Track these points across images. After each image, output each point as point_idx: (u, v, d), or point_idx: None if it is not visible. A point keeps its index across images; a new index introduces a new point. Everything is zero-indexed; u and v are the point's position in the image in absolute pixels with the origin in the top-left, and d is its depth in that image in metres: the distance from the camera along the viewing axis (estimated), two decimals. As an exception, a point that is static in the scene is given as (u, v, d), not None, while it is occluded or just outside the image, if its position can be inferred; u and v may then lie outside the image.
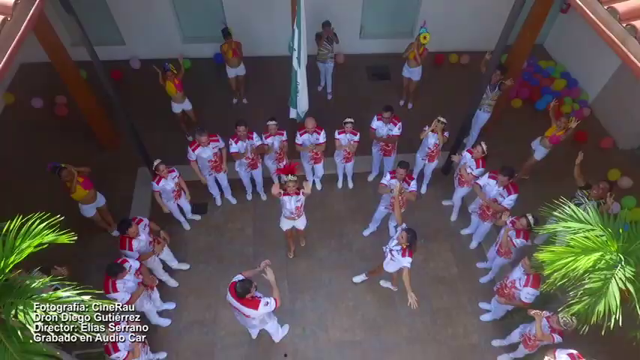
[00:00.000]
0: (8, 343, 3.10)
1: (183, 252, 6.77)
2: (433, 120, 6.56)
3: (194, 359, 5.80)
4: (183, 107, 7.74)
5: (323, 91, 9.28)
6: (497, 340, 5.88)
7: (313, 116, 6.60)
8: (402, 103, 9.09)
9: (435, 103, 8.89)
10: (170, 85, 7.30)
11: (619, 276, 3.80)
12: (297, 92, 6.41)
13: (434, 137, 6.61)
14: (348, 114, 6.71)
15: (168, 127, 8.19)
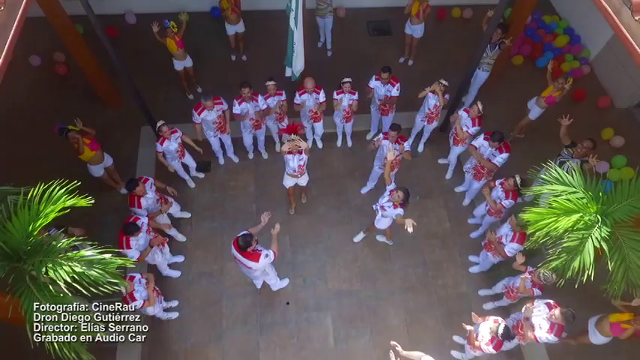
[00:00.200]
0: (41, 296, 3.49)
1: (189, 209, 7.13)
2: (434, 80, 6.70)
3: (203, 307, 6.32)
4: (184, 64, 7.80)
5: (323, 47, 9.27)
6: (484, 290, 6.38)
7: (313, 73, 6.72)
8: (401, 60, 9.13)
9: (436, 60, 8.97)
10: (171, 43, 7.33)
11: (595, 235, 4.16)
12: (294, 52, 6.50)
13: (434, 99, 6.77)
14: (348, 71, 6.85)
15: (168, 84, 8.33)
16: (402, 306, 6.39)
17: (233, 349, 6.06)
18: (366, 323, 6.23)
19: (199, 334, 6.15)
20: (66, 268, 3.43)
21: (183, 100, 8.28)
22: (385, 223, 5.99)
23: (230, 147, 7.41)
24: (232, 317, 6.26)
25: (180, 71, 7.89)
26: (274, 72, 6.97)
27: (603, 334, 5.10)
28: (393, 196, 5.47)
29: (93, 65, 7.42)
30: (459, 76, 7.20)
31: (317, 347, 6.06)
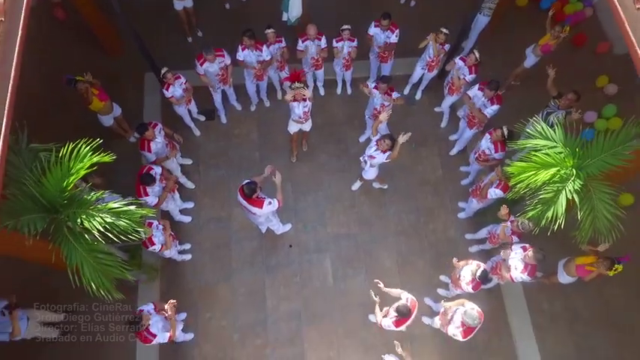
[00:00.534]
0: (77, 244, 4.10)
1: (195, 156, 7.65)
2: (435, 23, 6.93)
3: (213, 250, 7.03)
4: (184, 4, 7.86)
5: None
6: (470, 235, 7.05)
7: (313, 17, 6.89)
8: (402, 1, 9.16)
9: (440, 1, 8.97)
10: None
11: (569, 188, 4.70)
12: (289, 4, 6.66)
13: (438, 48, 6.99)
14: (349, 14, 6.98)
15: (167, 27, 8.49)
16: (394, 249, 7.09)
17: (241, 288, 6.84)
18: (362, 264, 6.96)
19: (211, 273, 6.91)
20: (98, 219, 4.00)
21: (184, 44, 8.51)
22: (373, 173, 6.52)
23: (232, 95, 7.74)
24: (240, 259, 6.99)
25: (180, 11, 7.98)
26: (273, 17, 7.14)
27: (570, 274, 5.79)
28: (381, 145, 5.94)
29: (91, 9, 7.47)
30: (461, 18, 7.33)
31: (317, 285, 6.83)
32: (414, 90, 8.26)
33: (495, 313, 6.70)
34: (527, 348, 6.59)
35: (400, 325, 5.04)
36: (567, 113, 6.06)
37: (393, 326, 5.07)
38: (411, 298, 5.12)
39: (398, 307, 5.01)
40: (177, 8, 7.93)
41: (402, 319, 5.00)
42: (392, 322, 5.06)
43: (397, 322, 5.05)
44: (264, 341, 6.57)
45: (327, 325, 6.64)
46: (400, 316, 4.98)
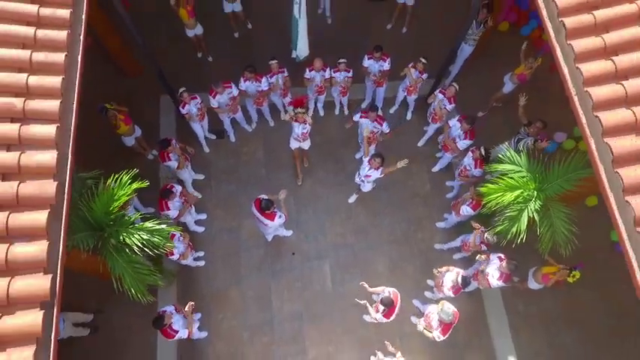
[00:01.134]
0: (119, 256, 5.03)
1: (207, 172, 8.58)
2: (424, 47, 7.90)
3: (224, 257, 7.96)
4: (195, 32, 8.84)
5: (323, 14, 10.17)
6: (438, 245, 8.05)
7: (314, 39, 7.84)
8: (389, 27, 10.08)
9: (428, 28, 9.89)
10: (183, 12, 8.30)
11: (531, 207, 5.63)
12: (298, 37, 7.61)
13: (415, 74, 7.92)
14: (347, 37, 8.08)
15: (181, 52, 9.40)
16: (387, 256, 8.03)
17: (250, 291, 7.78)
18: (358, 270, 7.89)
19: (222, 278, 7.84)
20: (136, 236, 4.94)
21: (198, 68, 9.44)
22: (369, 186, 7.45)
23: (242, 120, 8.68)
24: (249, 265, 7.93)
25: (192, 37, 8.96)
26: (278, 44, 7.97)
27: (537, 281, 6.71)
28: (373, 163, 6.88)
29: (113, 37, 8.37)
30: (449, 43, 8.19)
31: (317, 289, 7.77)
32: (405, 110, 9.18)
33: (475, 314, 7.66)
34: (504, 346, 7.54)
35: (390, 315, 6.02)
36: (536, 140, 6.96)
37: (384, 319, 6.02)
38: (392, 290, 6.10)
39: (382, 300, 5.97)
40: (189, 35, 8.89)
41: (389, 310, 5.96)
42: (382, 315, 6.01)
43: (386, 314, 6.00)
44: (270, 339, 7.51)
45: (326, 324, 7.57)
46: (387, 307, 5.92)
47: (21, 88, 4.27)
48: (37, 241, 3.84)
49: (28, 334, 3.56)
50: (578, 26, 4.62)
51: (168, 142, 6.95)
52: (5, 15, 4.50)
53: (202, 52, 9.49)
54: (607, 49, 4.47)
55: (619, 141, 4.14)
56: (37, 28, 4.54)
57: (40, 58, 4.42)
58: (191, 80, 8.90)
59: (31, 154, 4.06)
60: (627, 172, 4.03)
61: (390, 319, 6.09)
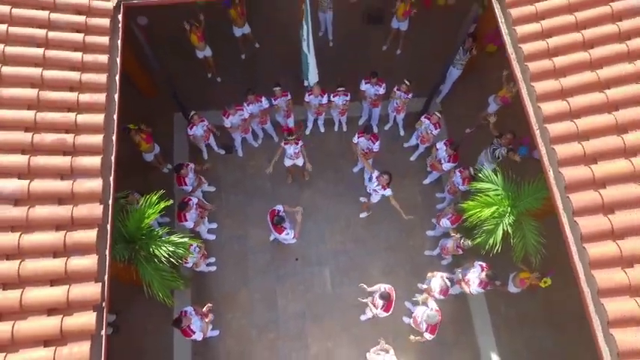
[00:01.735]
0: (148, 265, 5.89)
1: (217, 184, 9.42)
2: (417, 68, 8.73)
3: (234, 262, 8.82)
4: (204, 54, 9.70)
5: (324, 36, 10.99)
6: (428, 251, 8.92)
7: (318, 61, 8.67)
8: (384, 48, 10.93)
9: (420, 50, 10.72)
10: (194, 37, 9.18)
11: (505, 222, 6.49)
12: (308, 69, 8.48)
13: (401, 96, 8.78)
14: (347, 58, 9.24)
15: (192, 72, 10.23)
16: (382, 261, 8.89)
17: (257, 293, 8.64)
18: (355, 274, 8.73)
19: (232, 282, 8.70)
20: (163, 248, 5.81)
21: (208, 87, 10.28)
22: (377, 197, 8.28)
23: (250, 137, 9.54)
24: (255, 270, 8.79)
25: (202, 59, 9.82)
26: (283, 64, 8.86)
27: (515, 285, 7.56)
28: (381, 180, 7.72)
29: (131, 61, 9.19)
30: (439, 65, 9.03)
31: (319, 291, 8.63)
32: (397, 127, 10.03)
33: (462, 314, 8.52)
34: (487, 343, 8.40)
35: (389, 309, 6.90)
36: (509, 150, 7.79)
37: (384, 312, 6.90)
38: (387, 286, 6.99)
39: (381, 295, 6.83)
40: (199, 57, 9.74)
41: (387, 304, 6.84)
42: (382, 309, 6.87)
43: (385, 308, 6.88)
44: (276, 336, 8.36)
45: (326, 323, 8.42)
46: (385, 302, 6.80)
47: (70, 126, 5.13)
48: (89, 255, 4.70)
49: (84, 331, 4.42)
50: (539, 70, 5.48)
51: (182, 166, 7.81)
52: (55, 62, 5.36)
53: (212, 72, 10.33)
54: (564, 91, 5.33)
55: (571, 170, 4.99)
56: (82, 72, 5.40)
57: (85, 99, 5.28)
58: (201, 99, 9.90)
59: (81, 182, 4.92)
60: (577, 196, 4.89)
61: (389, 312, 6.97)
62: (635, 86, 5.15)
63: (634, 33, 5.38)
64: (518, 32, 5.76)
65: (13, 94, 5.06)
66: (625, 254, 4.58)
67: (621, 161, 4.91)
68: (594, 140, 5.06)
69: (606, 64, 5.36)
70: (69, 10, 5.67)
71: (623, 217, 4.72)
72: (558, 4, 5.69)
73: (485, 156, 8.52)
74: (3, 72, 5.08)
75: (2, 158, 4.76)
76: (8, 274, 4.39)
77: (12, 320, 4.28)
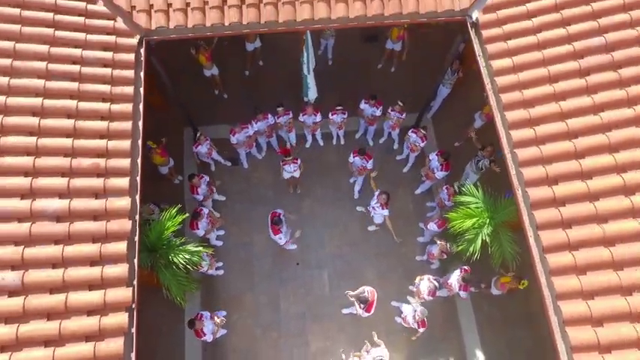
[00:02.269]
0: (167, 271, 6.70)
1: (224, 194, 10.22)
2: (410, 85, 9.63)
3: (240, 266, 9.62)
4: (212, 72, 10.51)
5: (324, 54, 11.76)
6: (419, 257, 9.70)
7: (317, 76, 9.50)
8: (379, 66, 11.73)
9: (413, 69, 11.52)
10: (202, 58, 9.98)
11: (484, 232, 7.30)
12: (308, 87, 9.30)
13: (396, 115, 9.60)
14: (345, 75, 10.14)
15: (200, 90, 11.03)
16: (376, 265, 9.70)
17: (261, 295, 9.44)
18: (351, 277, 9.53)
19: (238, 285, 9.50)
20: (181, 256, 6.61)
21: (215, 103, 11.09)
22: (379, 218, 9.10)
23: (254, 150, 10.35)
24: (260, 274, 9.60)
25: (209, 77, 10.62)
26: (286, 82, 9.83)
27: (497, 288, 8.36)
28: (380, 199, 8.54)
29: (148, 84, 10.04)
30: (430, 81, 9.79)
31: (318, 294, 9.43)
32: (392, 142, 10.84)
33: (449, 313, 9.34)
34: (471, 339, 9.22)
35: (371, 309, 7.73)
36: (491, 161, 8.59)
37: (366, 312, 7.72)
38: (370, 289, 7.79)
39: (360, 298, 7.67)
40: (206, 75, 10.54)
41: (368, 305, 7.68)
42: (364, 310, 7.72)
43: (367, 309, 7.73)
44: (278, 334, 9.17)
45: (325, 322, 9.23)
46: (364, 304, 7.66)
47: (103, 151, 5.93)
48: (120, 264, 5.50)
49: (118, 329, 5.22)
50: (511, 101, 6.28)
51: (194, 175, 8.61)
52: (88, 95, 6.15)
53: (218, 89, 11.12)
54: (531, 120, 6.13)
55: (536, 191, 5.80)
56: (112, 103, 6.20)
57: (114, 127, 6.09)
58: (209, 113, 10.68)
59: (113, 200, 5.72)
60: (540, 213, 5.70)
61: (371, 312, 7.82)
62: (593, 117, 5.95)
63: (594, 69, 6.18)
64: (493, 66, 6.55)
65: (53, 124, 5.85)
66: (579, 264, 5.39)
67: (579, 183, 5.72)
68: (556, 164, 5.86)
69: (569, 96, 6.16)
70: (98, 46, 6.46)
71: (579, 231, 5.54)
72: (529, 42, 6.48)
73: (471, 167, 9.31)
74: (44, 105, 5.86)
75: (46, 181, 5.55)
76: (55, 280, 5.18)
77: (59, 320, 5.08)
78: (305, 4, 6.90)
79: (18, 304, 5.01)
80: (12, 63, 5.94)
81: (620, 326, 5.11)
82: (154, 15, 6.83)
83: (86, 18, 6.55)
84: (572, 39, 6.34)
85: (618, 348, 5.06)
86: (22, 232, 5.27)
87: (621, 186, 5.57)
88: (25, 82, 5.93)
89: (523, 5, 6.68)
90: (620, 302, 5.17)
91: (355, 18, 7.00)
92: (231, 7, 6.87)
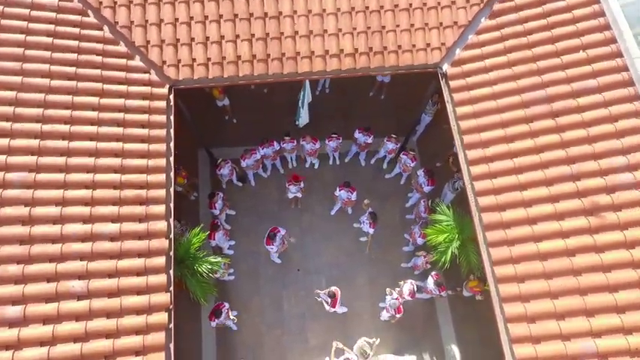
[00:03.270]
0: (192, 278, 8.25)
1: (236, 209, 11.77)
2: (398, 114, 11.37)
3: (248, 273, 11.18)
4: (223, 103, 12.08)
5: (322, 84, 13.27)
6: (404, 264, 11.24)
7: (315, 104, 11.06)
8: (371, 94, 13.26)
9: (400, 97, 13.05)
10: (216, 92, 11.57)
11: (453, 246, 8.85)
12: (300, 116, 10.88)
13: (391, 144, 11.16)
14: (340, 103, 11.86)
15: (213, 116, 12.59)
16: (367, 271, 11.26)
17: (267, 299, 11.00)
18: (345, 282, 11.07)
19: (246, 289, 11.05)
20: (204, 266, 8.17)
21: (226, 127, 12.64)
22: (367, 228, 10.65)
23: (261, 170, 11.91)
24: (265, 279, 11.16)
25: (221, 106, 12.18)
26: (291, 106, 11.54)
27: (467, 291, 9.92)
28: (369, 218, 10.09)
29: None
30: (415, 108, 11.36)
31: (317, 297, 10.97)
32: (382, 161, 12.40)
33: (428, 311, 10.91)
34: (448, 334, 10.80)
35: (335, 304, 9.36)
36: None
37: (332, 308, 9.39)
38: (334, 288, 9.41)
39: (328, 293, 9.33)
40: (219, 105, 12.10)
41: (333, 301, 9.29)
42: (330, 305, 9.36)
43: (332, 304, 9.37)
44: (281, 332, 10.73)
45: (323, 322, 10.77)
46: (330, 299, 9.29)
47: (144, 184, 7.47)
48: (160, 274, 7.04)
49: (160, 325, 6.76)
50: (471, 142, 7.83)
51: (213, 195, 10.17)
52: (131, 137, 7.69)
53: (229, 116, 12.67)
54: (486, 158, 7.68)
55: (488, 216, 7.35)
56: (149, 143, 7.74)
57: (152, 164, 7.63)
58: (221, 136, 12.20)
59: (153, 223, 7.27)
60: (491, 234, 7.25)
61: (335, 308, 9.53)
62: (534, 157, 7.48)
63: (537, 117, 7.70)
64: (457, 112, 8.10)
65: (104, 162, 7.39)
66: (519, 273, 6.94)
67: (521, 210, 7.26)
68: (505, 194, 7.40)
69: (517, 139, 7.69)
70: (138, 96, 7.99)
71: (519, 249, 7.08)
72: (486, 93, 8.02)
73: (448, 187, 10.87)
74: (98, 147, 7.41)
75: (101, 209, 7.10)
76: (111, 287, 6.73)
77: (116, 318, 6.63)
78: (305, 59, 8.44)
79: (85, 306, 6.56)
80: (71, 113, 7.48)
81: (548, 323, 6.65)
82: (181, 68, 8.35)
83: (127, 72, 8.09)
84: (521, 91, 7.87)
85: (546, 340, 6.59)
86: (86, 250, 6.82)
87: (553, 212, 7.11)
88: (81, 129, 7.48)
89: (482, 61, 8.23)
90: (548, 304, 6.71)
91: (346, 70, 8.55)
92: (245, 62, 8.40)
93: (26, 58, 7.57)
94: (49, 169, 7.11)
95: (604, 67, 7.60)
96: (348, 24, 8.52)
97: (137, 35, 8.27)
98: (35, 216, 6.80)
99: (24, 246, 6.64)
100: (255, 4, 8.44)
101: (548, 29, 8.09)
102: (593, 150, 7.24)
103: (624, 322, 6.43)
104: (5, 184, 6.82)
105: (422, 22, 8.58)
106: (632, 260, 6.65)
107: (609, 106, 7.39)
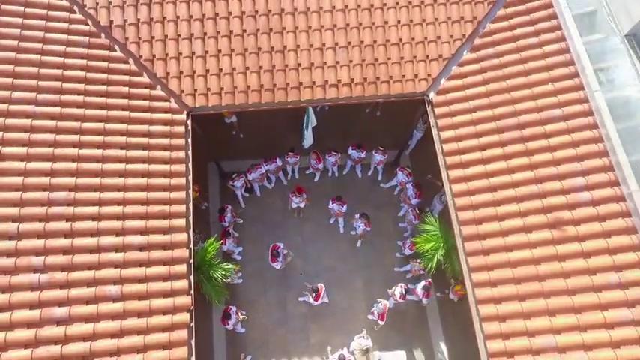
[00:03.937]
0: (209, 283, 9.40)
1: (243, 217, 12.91)
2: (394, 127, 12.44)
3: (254, 276, 12.32)
4: (231, 120, 13.23)
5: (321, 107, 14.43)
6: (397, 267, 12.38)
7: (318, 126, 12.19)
8: (367, 110, 14.41)
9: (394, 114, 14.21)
10: (226, 112, 12.71)
11: (439, 253, 10.00)
12: (305, 138, 12.03)
13: (379, 156, 12.32)
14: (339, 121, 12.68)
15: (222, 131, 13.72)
16: (363, 275, 12.41)
17: (272, 300, 12.14)
18: (342, 284, 12.23)
19: (253, 292, 12.19)
20: (219, 272, 9.32)
21: (233, 141, 13.79)
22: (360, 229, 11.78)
23: (265, 182, 13.06)
24: (270, 282, 12.30)
25: (229, 123, 13.33)
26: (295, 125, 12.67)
27: (453, 294, 11.05)
28: (362, 219, 11.24)
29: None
30: (407, 128, 12.52)
31: (317, 297, 12.13)
32: (376, 174, 13.55)
33: (418, 313, 12.05)
34: (437, 335, 11.94)
35: (318, 299, 10.60)
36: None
37: (315, 301, 10.59)
38: (320, 284, 10.57)
39: (312, 288, 10.47)
40: (227, 122, 13.24)
41: (316, 295, 10.48)
42: (313, 299, 10.53)
43: (315, 298, 10.58)
44: (285, 330, 11.88)
45: (322, 321, 11.92)
46: (314, 293, 10.46)
47: (167, 200, 8.62)
48: (182, 280, 8.18)
49: (183, 324, 7.90)
50: (453, 163, 8.98)
51: (224, 209, 11.33)
52: (155, 159, 8.82)
53: (236, 131, 13.82)
54: (465, 177, 8.82)
55: (467, 229, 8.49)
56: (171, 165, 8.87)
57: (174, 182, 8.77)
58: (229, 150, 13.35)
59: (175, 235, 8.41)
60: (469, 244, 8.39)
61: (318, 302, 10.78)
62: (507, 177, 8.62)
63: (509, 142, 8.84)
64: (441, 136, 9.25)
65: (132, 182, 8.53)
66: (492, 279, 8.10)
67: (495, 224, 8.41)
68: (482, 209, 8.55)
69: (493, 161, 8.83)
70: (160, 122, 9.13)
71: (493, 258, 8.23)
72: (466, 119, 9.17)
73: (437, 199, 12.01)
74: (127, 168, 8.55)
75: (131, 223, 8.24)
76: (141, 291, 7.88)
77: (145, 317, 7.76)
78: (307, 89, 9.59)
79: (119, 307, 7.70)
80: (104, 139, 8.62)
81: (516, 322, 7.79)
82: (197, 97, 9.49)
83: (150, 101, 9.23)
84: (496, 118, 9.01)
85: (514, 336, 7.74)
86: (118, 258, 7.96)
87: (522, 226, 8.26)
88: (111, 153, 8.61)
89: (463, 91, 9.37)
90: (516, 306, 7.85)
91: (344, 98, 9.70)
92: (253, 91, 9.55)
93: (63, 91, 8.72)
94: (87, 188, 8.26)
95: (568, 99, 8.75)
96: (345, 57, 9.68)
97: (158, 67, 9.41)
98: (76, 230, 7.94)
99: (67, 256, 7.78)
100: (263, 40, 9.59)
101: (521, 63, 9.23)
102: (557, 172, 8.39)
103: (580, 321, 7.56)
104: (50, 202, 7.95)
105: (411, 55, 9.73)
106: (588, 268, 7.80)
107: (571, 133, 8.53)
